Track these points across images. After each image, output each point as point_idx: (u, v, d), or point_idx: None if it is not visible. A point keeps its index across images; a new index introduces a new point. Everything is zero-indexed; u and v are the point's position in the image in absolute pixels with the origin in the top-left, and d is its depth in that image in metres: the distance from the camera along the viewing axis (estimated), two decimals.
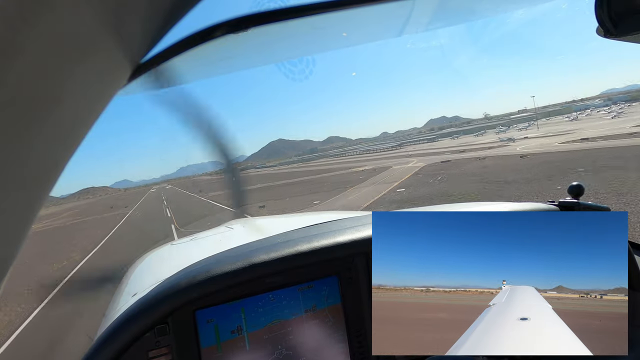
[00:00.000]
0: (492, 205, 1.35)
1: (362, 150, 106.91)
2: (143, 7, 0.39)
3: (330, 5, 0.56)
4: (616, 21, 0.59)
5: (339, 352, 1.10)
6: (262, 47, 0.67)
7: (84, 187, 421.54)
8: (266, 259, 1.00)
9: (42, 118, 0.35)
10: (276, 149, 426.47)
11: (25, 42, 0.29)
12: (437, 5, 0.81)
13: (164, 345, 0.95)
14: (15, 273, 0.41)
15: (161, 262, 2.06)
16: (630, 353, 0.73)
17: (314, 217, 2.10)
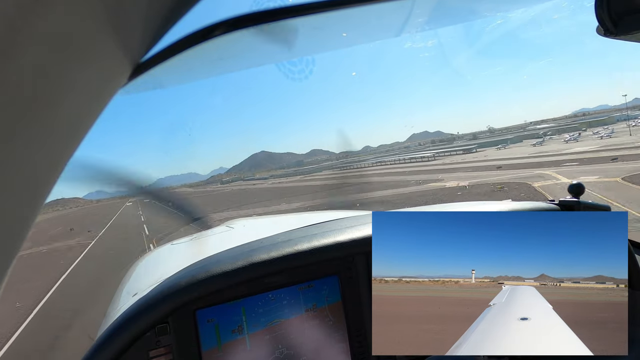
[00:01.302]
0: (493, 205, 1.35)
1: (372, 162, 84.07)
2: (143, 7, 0.39)
3: (330, 5, 0.56)
4: (616, 20, 0.59)
5: (339, 351, 1.10)
6: (262, 47, 0.67)
7: (53, 198, 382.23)
8: (266, 259, 1.00)
9: (42, 118, 0.35)
10: (258, 161, 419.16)
11: (25, 42, 0.29)
12: (436, 5, 0.81)
13: (165, 344, 0.95)
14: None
15: (161, 262, 2.06)
16: (630, 353, 0.73)
17: (314, 217, 2.10)
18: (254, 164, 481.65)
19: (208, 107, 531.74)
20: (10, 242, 0.39)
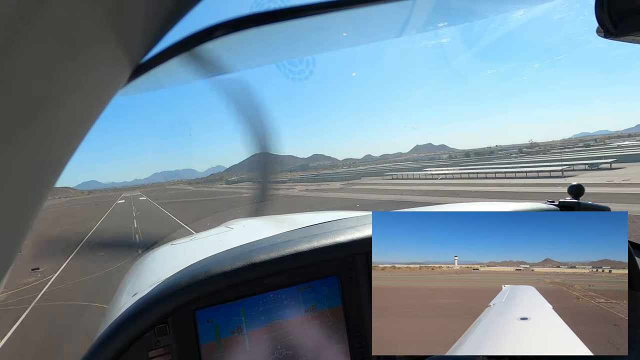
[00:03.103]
0: (493, 205, 1.35)
1: (379, 172, 61.21)
2: (143, 7, 0.39)
3: (330, 6, 0.56)
4: (616, 21, 0.59)
5: (339, 352, 1.10)
6: (262, 47, 0.67)
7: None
8: (266, 259, 1.00)
9: (42, 118, 0.35)
10: (257, 161, 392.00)
11: (25, 42, 0.29)
12: (437, 5, 0.81)
13: (164, 345, 0.95)
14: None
15: (161, 262, 2.06)
16: (630, 353, 0.73)
17: (314, 217, 2.09)
18: (254, 165, 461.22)
19: (207, 106, 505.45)
20: (10, 242, 0.39)
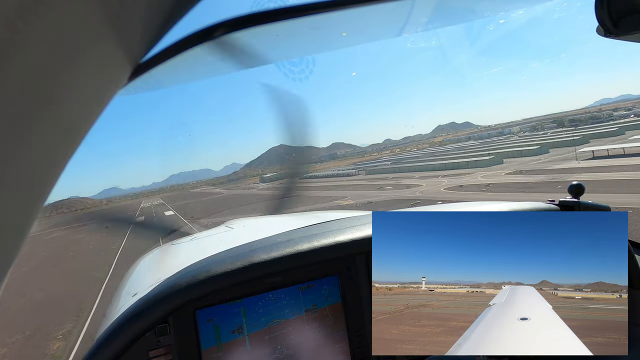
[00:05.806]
0: (493, 205, 1.35)
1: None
2: (143, 7, 0.39)
3: (330, 5, 0.56)
4: (616, 20, 0.59)
5: (339, 351, 1.10)
6: (262, 47, 0.67)
7: (59, 199, 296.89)
8: (266, 259, 1.00)
9: (42, 118, 0.35)
10: (278, 155, 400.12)
11: (25, 42, 0.29)
12: (437, 5, 0.81)
13: (165, 345, 0.95)
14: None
15: (161, 262, 2.06)
16: (630, 353, 0.73)
17: (314, 217, 2.09)
18: (274, 159, 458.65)
19: (211, 105, 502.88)
20: (11, 242, 0.39)
